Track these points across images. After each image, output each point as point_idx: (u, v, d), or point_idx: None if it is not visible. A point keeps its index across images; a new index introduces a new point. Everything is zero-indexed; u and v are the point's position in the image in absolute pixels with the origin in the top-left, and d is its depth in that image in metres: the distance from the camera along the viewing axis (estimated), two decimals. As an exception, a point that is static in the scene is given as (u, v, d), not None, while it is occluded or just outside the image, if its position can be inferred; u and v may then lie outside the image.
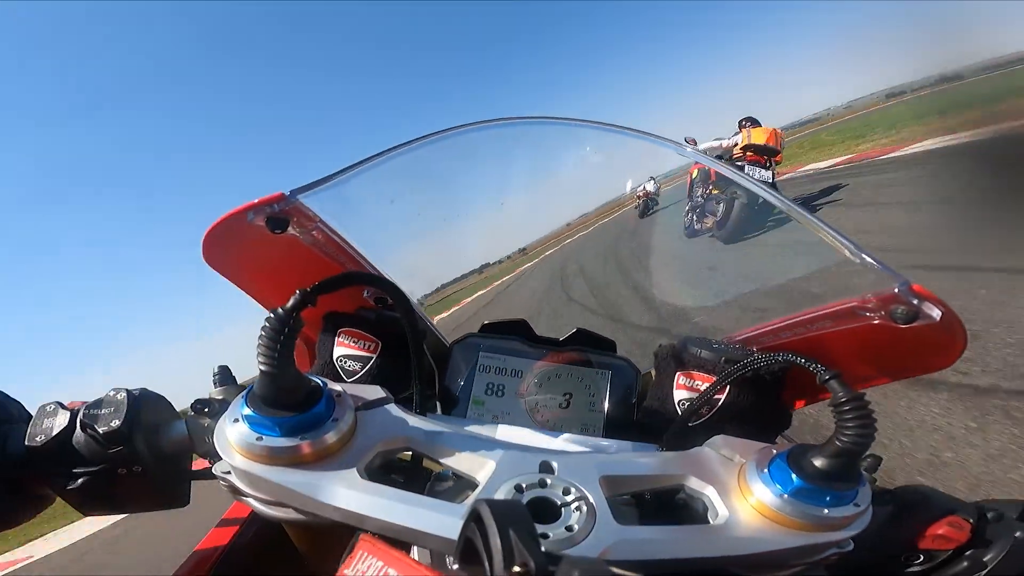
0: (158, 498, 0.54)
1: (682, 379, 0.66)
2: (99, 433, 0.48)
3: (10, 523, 0.51)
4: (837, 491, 0.41)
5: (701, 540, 0.39)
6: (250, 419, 0.41)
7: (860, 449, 0.39)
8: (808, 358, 0.45)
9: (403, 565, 0.28)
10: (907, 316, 0.51)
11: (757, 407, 0.62)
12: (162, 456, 0.52)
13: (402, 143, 0.66)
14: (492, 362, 0.79)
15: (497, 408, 0.76)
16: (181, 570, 0.62)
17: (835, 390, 0.40)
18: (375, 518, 0.37)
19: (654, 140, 0.71)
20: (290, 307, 0.40)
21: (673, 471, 0.46)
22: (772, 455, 0.44)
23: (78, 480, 0.49)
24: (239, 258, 0.67)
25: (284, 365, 0.40)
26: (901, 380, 0.62)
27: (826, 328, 0.61)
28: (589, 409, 0.76)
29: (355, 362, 0.69)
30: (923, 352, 0.57)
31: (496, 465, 0.43)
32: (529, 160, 0.86)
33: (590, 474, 0.43)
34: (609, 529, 0.38)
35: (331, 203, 0.64)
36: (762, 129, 6.86)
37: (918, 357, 0.59)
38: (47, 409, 0.50)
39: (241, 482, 0.43)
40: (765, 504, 0.41)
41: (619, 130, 0.72)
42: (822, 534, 0.40)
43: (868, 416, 0.39)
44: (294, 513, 0.42)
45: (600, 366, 0.78)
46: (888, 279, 0.52)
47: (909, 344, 0.55)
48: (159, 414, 0.54)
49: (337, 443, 0.42)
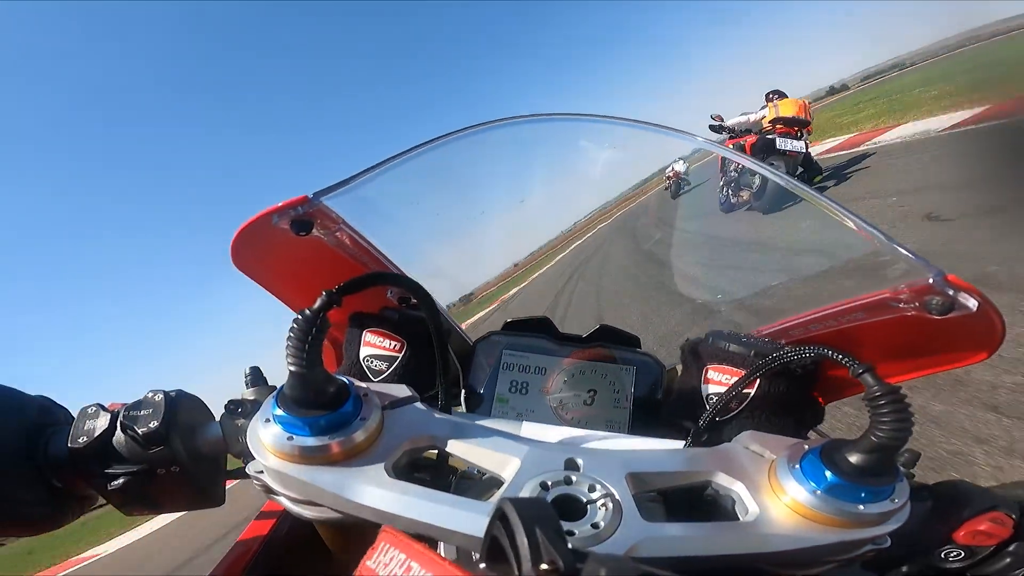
0: (195, 498, 0.55)
1: (710, 373, 0.65)
2: (139, 434, 0.49)
3: (57, 523, 0.52)
4: (873, 487, 0.39)
5: (731, 537, 0.39)
6: (281, 419, 0.42)
7: (897, 444, 0.38)
8: (840, 351, 0.44)
9: (426, 559, 0.28)
10: (943, 307, 0.50)
11: (788, 402, 0.61)
12: (198, 456, 0.53)
13: (422, 142, 0.67)
14: (515, 360, 0.79)
15: (521, 406, 0.76)
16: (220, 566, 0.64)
17: (869, 383, 0.39)
18: (402, 516, 0.38)
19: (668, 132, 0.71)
20: (317, 308, 0.40)
21: (701, 467, 0.45)
22: (804, 451, 0.43)
23: (119, 480, 0.50)
24: (266, 261, 0.69)
25: (313, 365, 0.41)
26: (937, 373, 0.60)
27: (858, 320, 0.59)
28: (614, 405, 0.75)
29: (381, 361, 0.70)
30: (959, 344, 0.55)
31: (521, 463, 0.43)
32: (549, 156, 0.86)
33: (616, 471, 0.42)
34: (636, 526, 0.38)
35: (354, 204, 0.65)
36: (790, 100, 6.72)
37: (954, 349, 0.57)
38: (88, 411, 0.51)
39: (273, 481, 0.44)
40: (798, 501, 0.40)
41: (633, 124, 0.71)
42: (858, 530, 0.39)
43: (905, 410, 0.37)
44: (325, 512, 0.43)
45: (624, 362, 0.77)
46: (921, 269, 0.51)
47: (945, 336, 0.54)
48: (195, 415, 0.55)
49: (365, 442, 0.43)
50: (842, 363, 0.42)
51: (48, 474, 0.50)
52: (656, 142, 0.74)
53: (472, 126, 0.69)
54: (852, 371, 0.40)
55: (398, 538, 0.31)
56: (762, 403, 0.61)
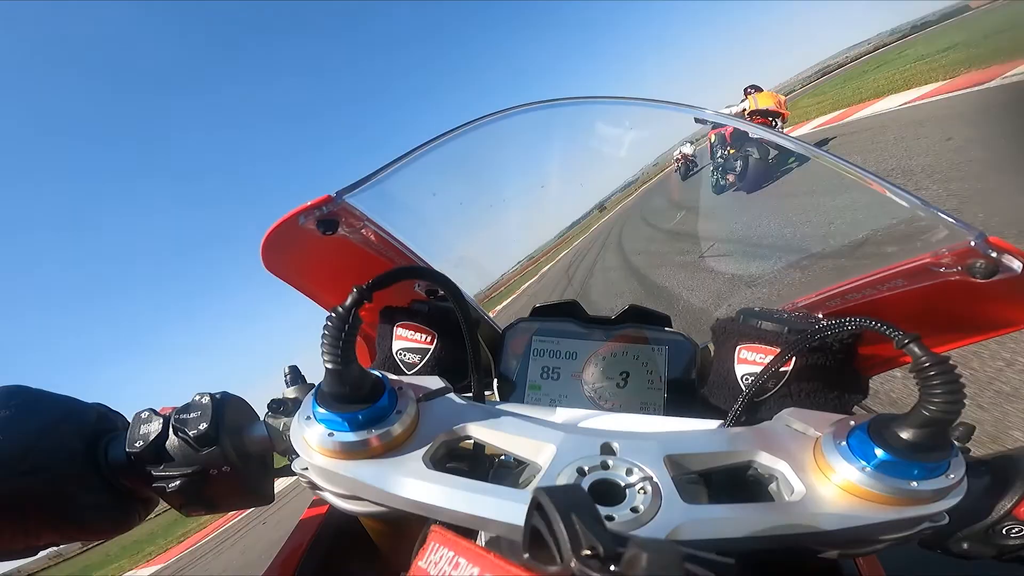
0: (247, 496, 0.57)
1: (744, 352, 0.63)
2: (190, 436, 0.51)
3: (124, 526, 0.55)
4: (927, 463, 0.38)
5: (777, 518, 0.38)
6: (321, 416, 0.43)
7: (950, 417, 0.36)
8: (882, 321, 0.42)
9: (471, 553, 0.28)
10: (986, 270, 0.47)
11: (828, 377, 0.58)
12: (246, 455, 0.55)
13: (439, 135, 0.67)
14: (546, 345, 0.79)
15: (554, 392, 0.76)
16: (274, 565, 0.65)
17: (917, 354, 0.37)
18: (442, 507, 0.38)
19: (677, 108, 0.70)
20: (348, 305, 0.41)
21: (741, 447, 0.44)
22: (851, 427, 0.42)
23: (176, 482, 0.52)
24: (295, 262, 0.70)
25: (348, 362, 0.41)
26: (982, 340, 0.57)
27: (897, 289, 0.56)
28: (648, 387, 0.74)
29: (413, 354, 0.71)
30: (1004, 309, 0.53)
31: (556, 449, 0.43)
32: (565, 140, 0.85)
33: (653, 453, 0.42)
34: (676, 509, 0.37)
35: (376, 200, 0.66)
36: (766, 94, 7.55)
37: (1000, 314, 0.54)
38: (142, 416, 0.53)
39: (317, 478, 0.45)
40: (847, 479, 0.39)
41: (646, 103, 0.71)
42: (913, 508, 0.38)
43: (956, 380, 0.35)
44: (368, 506, 0.44)
45: (656, 342, 0.76)
46: (961, 232, 0.48)
47: (989, 301, 0.51)
48: (240, 416, 0.57)
49: (403, 435, 0.44)
50: (885, 334, 0.40)
51: (110, 479, 0.52)
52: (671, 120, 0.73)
53: (488, 115, 0.68)
54: (897, 342, 0.38)
55: (446, 536, 0.31)
56: (801, 379, 0.59)
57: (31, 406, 0.50)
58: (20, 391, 0.51)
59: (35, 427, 0.49)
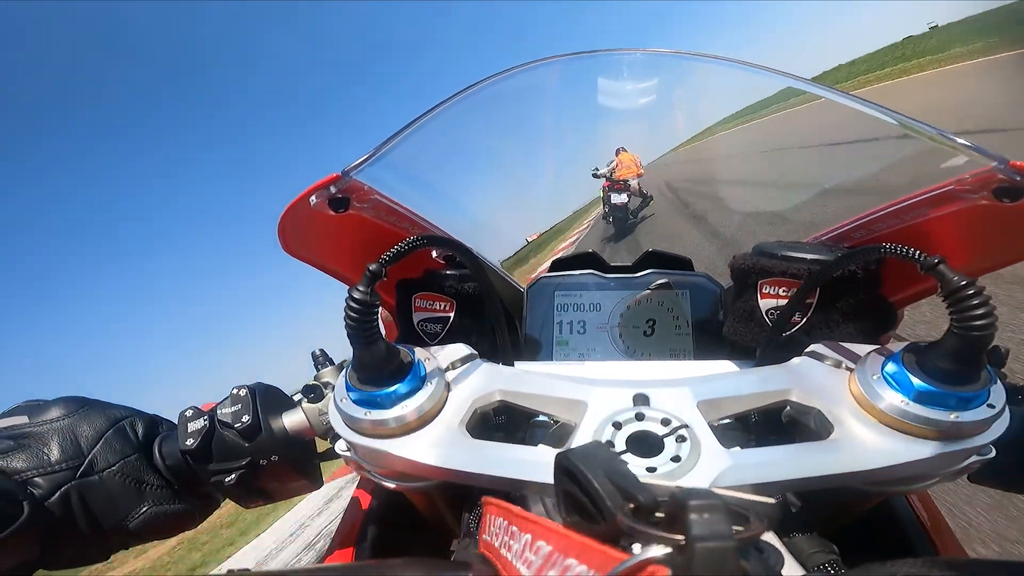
0: (299, 483, 0.58)
1: (766, 288, 0.60)
2: (235, 430, 0.53)
3: (190, 523, 0.57)
4: (965, 392, 0.37)
5: (819, 458, 0.37)
6: (355, 397, 0.43)
7: (984, 341, 0.34)
8: (906, 247, 0.40)
9: (521, 520, 0.29)
10: (1013, 193, 0.46)
11: (856, 308, 0.56)
12: (290, 443, 0.56)
13: (444, 99, 0.65)
14: (569, 299, 0.78)
15: (582, 346, 0.76)
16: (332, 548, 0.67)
17: (944, 276, 0.35)
18: (482, 474, 0.39)
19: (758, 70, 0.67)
20: (364, 283, 0.41)
21: (774, 387, 0.44)
22: (884, 357, 0.41)
23: (232, 476, 0.53)
24: (312, 243, 0.70)
25: (372, 340, 0.41)
26: (1009, 266, 0.55)
27: (920, 217, 0.54)
28: (675, 332, 0.74)
29: (434, 324, 0.71)
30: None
31: (589, 405, 0.42)
32: (575, 98, 0.81)
33: (687, 401, 0.42)
34: (716, 455, 0.37)
35: (384, 173, 0.64)
36: (625, 157, 7.45)
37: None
38: (187, 415, 0.54)
39: (359, 457, 0.46)
40: (886, 413, 0.38)
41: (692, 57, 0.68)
42: (957, 442, 0.37)
43: (987, 302, 0.34)
44: (411, 481, 0.45)
45: (679, 286, 0.75)
46: (982, 159, 0.47)
47: (1014, 225, 0.50)
48: (278, 404, 0.58)
49: (436, 406, 0.44)
50: (910, 257, 0.38)
51: (170, 479, 0.54)
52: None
53: (489, 77, 0.66)
54: (922, 265, 0.36)
55: (500, 506, 0.32)
56: (828, 311, 0.57)
57: (87, 414, 0.52)
58: (76, 400, 0.53)
59: (94, 433, 0.51)
